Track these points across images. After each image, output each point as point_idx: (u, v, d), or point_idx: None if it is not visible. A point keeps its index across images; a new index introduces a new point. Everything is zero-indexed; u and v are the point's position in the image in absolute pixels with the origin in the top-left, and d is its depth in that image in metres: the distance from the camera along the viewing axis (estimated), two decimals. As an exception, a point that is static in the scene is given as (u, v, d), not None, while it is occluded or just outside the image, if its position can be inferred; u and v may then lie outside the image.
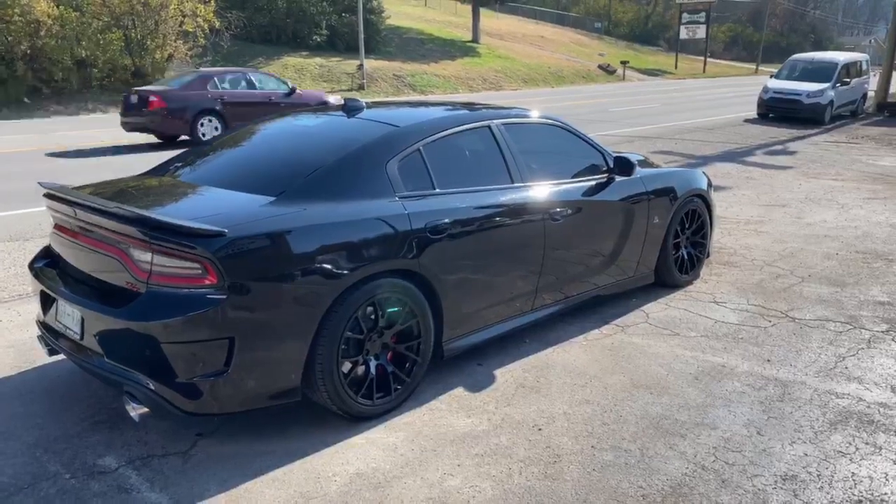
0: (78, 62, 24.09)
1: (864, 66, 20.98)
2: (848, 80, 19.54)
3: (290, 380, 3.19)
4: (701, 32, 58.11)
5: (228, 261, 2.91)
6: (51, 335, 3.52)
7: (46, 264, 3.70)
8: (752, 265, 6.10)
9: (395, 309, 3.47)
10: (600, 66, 47.66)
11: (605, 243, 4.74)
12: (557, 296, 4.46)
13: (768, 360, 4.12)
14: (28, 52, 22.62)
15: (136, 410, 3.03)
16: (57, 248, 3.67)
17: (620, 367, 4.04)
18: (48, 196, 3.55)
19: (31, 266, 3.77)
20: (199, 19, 27.18)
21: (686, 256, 5.48)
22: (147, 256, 2.97)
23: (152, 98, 13.51)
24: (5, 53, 22.28)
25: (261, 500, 2.85)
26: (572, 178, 4.60)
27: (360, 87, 31.29)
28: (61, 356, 3.67)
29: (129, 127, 14.02)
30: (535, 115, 4.64)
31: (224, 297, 2.91)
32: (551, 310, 4.44)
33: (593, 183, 4.63)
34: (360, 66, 31.78)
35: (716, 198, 8.92)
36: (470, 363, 4.06)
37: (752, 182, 10.36)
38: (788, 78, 19.78)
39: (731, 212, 8.28)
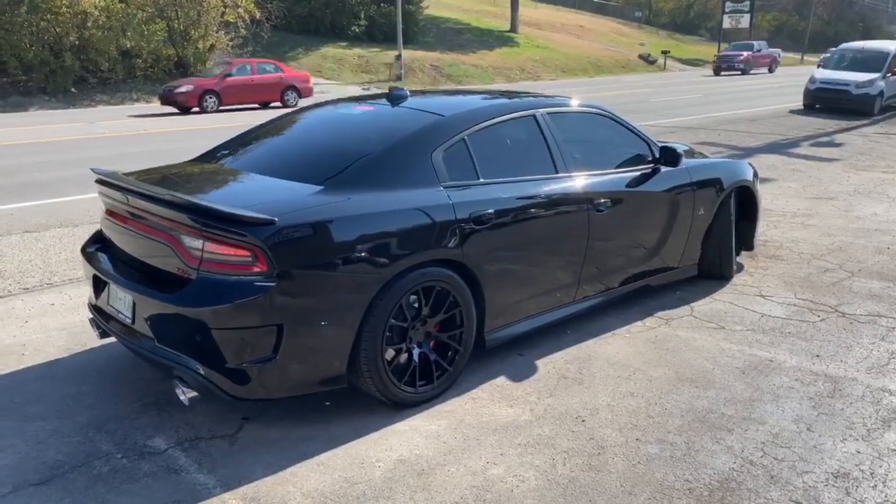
0: (123, 53, 24.59)
1: (917, 56, 20.31)
2: (899, 69, 18.94)
3: (336, 367, 3.23)
4: (745, 21, 56.83)
5: (278, 249, 2.94)
6: (102, 318, 3.60)
7: (98, 249, 3.78)
8: (799, 259, 5.97)
9: (439, 298, 3.48)
10: (640, 56, 47.03)
11: (650, 235, 4.68)
12: (599, 287, 4.44)
13: (817, 356, 4.03)
14: (76, 42, 23.10)
15: (185, 394, 3.09)
16: (108, 234, 3.75)
17: (665, 360, 3.99)
18: (100, 182, 3.63)
19: (84, 250, 3.84)
20: (239, 10, 27.49)
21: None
22: (198, 243, 3.01)
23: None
24: (54, 44, 22.79)
25: (306, 483, 2.88)
26: (617, 168, 4.55)
27: (398, 78, 31.31)
28: (112, 339, 3.74)
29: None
30: (579, 104, 4.60)
31: (273, 284, 2.94)
32: (592, 302, 4.41)
33: (638, 173, 4.58)
34: (398, 57, 31.80)
35: (761, 190, 8.80)
36: (511, 353, 4.05)
37: (799, 174, 10.12)
38: (836, 67, 19.25)
39: (777, 204, 8.11)
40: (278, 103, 22.04)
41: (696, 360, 3.99)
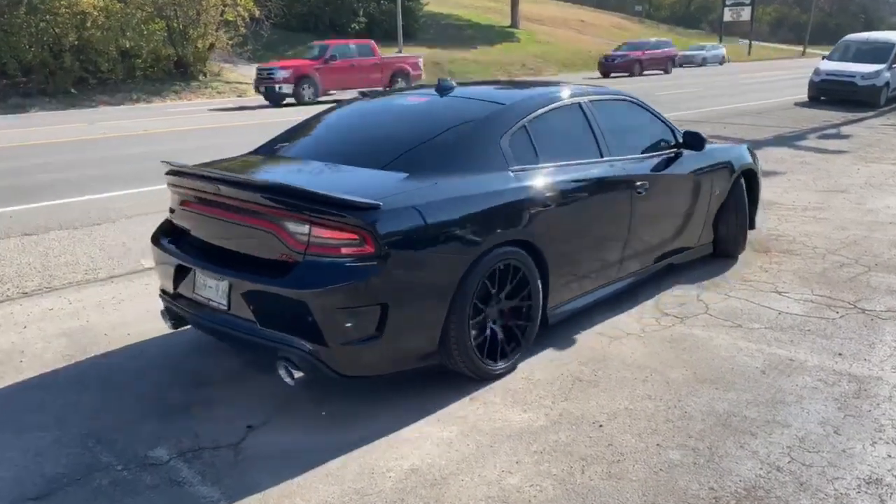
0: (122, 53, 24.46)
1: (923, 47, 20.12)
2: (905, 60, 18.76)
3: (431, 343, 3.41)
4: (746, 14, 56.69)
5: (383, 231, 3.08)
6: (183, 307, 3.64)
7: (175, 239, 3.79)
8: (813, 253, 5.84)
9: (512, 277, 3.66)
10: (642, 50, 46.72)
11: (677, 215, 4.99)
12: (636, 266, 4.69)
13: (840, 354, 3.91)
14: (75, 43, 22.99)
15: (291, 375, 3.18)
16: (186, 224, 3.78)
17: (682, 360, 3.87)
18: (175, 173, 3.70)
19: (157, 241, 3.85)
20: (239, 8, 27.34)
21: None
22: (304, 228, 3.11)
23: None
24: (53, 45, 22.68)
25: (314, 495, 2.77)
26: (648, 151, 4.82)
27: (399, 75, 31.09)
28: (184, 327, 3.87)
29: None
30: (613, 93, 4.90)
31: (380, 265, 3.09)
32: (630, 280, 4.68)
33: (666, 157, 4.88)
34: (400, 51, 31.62)
35: (771, 183, 8.68)
36: (522, 355, 3.92)
37: (808, 167, 9.99)
38: (842, 59, 19.07)
39: (788, 198, 7.97)
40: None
41: (714, 360, 3.86)
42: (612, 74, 33.64)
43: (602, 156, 4.34)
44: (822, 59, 20.00)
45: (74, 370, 3.88)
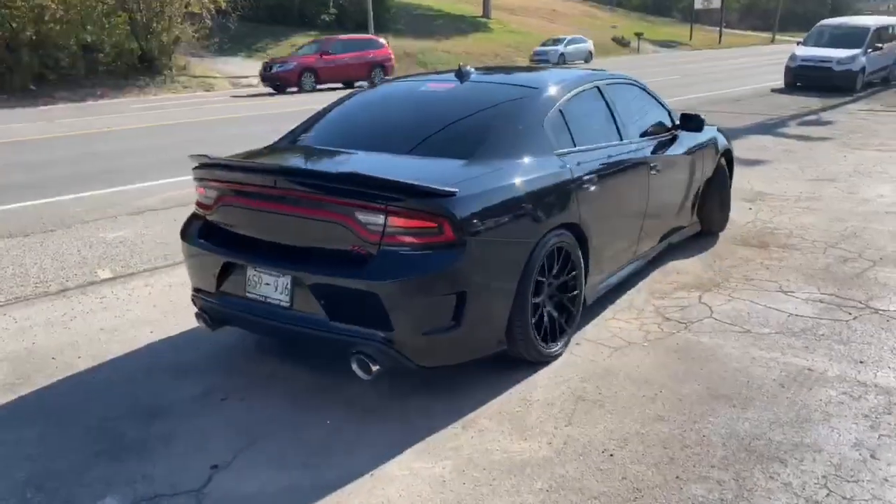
0: (84, 47, 23.65)
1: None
2: (880, 45, 18.74)
3: (500, 330, 3.37)
4: (716, 2, 56.77)
5: (461, 218, 3.02)
6: (226, 307, 3.46)
7: (217, 237, 3.56)
8: (813, 247, 5.56)
9: (561, 259, 3.66)
10: (614, 39, 46.68)
11: (679, 193, 5.17)
12: (648, 245, 4.81)
13: (861, 362, 3.60)
14: (33, 38, 22.14)
15: (366, 370, 3.07)
16: (229, 220, 3.54)
17: (692, 373, 3.54)
18: (208, 167, 3.52)
19: (192, 239, 3.63)
20: (204, 0, 26.57)
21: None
22: (379, 218, 2.98)
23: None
24: (10, 40, 21.81)
25: (289, 552, 2.38)
26: (654, 133, 4.94)
27: (371, 66, 30.54)
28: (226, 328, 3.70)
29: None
30: (621, 76, 4.98)
31: (458, 253, 3.02)
32: (642, 260, 4.80)
33: (670, 137, 5.04)
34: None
35: (758, 173, 8.42)
36: (518, 370, 3.57)
37: (793, 155, 9.75)
38: (817, 45, 18.98)
39: (777, 188, 7.70)
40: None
41: (726, 372, 3.54)
42: (287, 90, 23.12)
43: (621, 137, 4.44)
44: (798, 44, 19.89)
45: (15, 403, 3.44)
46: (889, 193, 7.33)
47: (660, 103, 5.23)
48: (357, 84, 22.35)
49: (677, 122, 5.15)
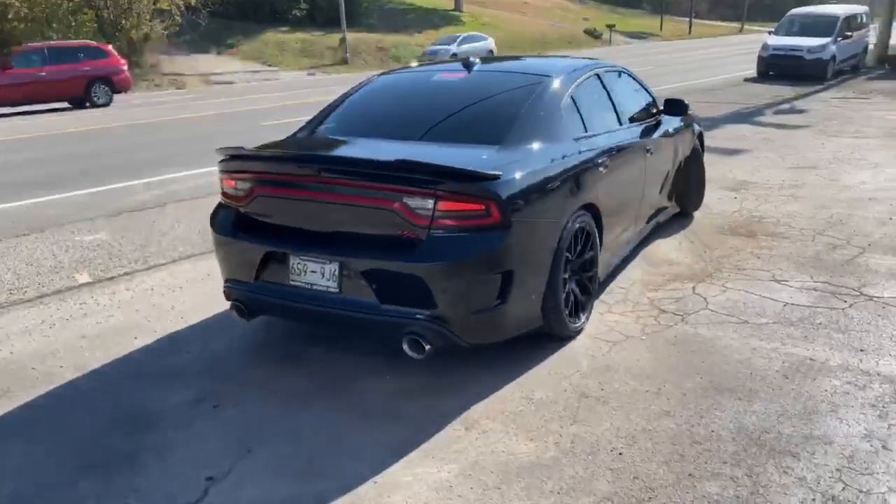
0: (49, 46, 23.06)
1: (865, 19, 20.39)
2: (849, 33, 18.95)
3: (537, 307, 3.51)
4: (686, -8, 57.10)
5: (506, 200, 3.14)
6: (266, 296, 3.49)
7: (249, 227, 3.57)
8: (801, 235, 5.55)
9: (582, 238, 3.82)
10: (586, 31, 46.77)
11: (665, 174, 5.39)
12: (641, 225, 5.05)
13: (861, 350, 3.58)
14: (-5, 36, 21.59)
15: (418, 350, 3.19)
16: (266, 210, 3.56)
17: (693, 366, 3.49)
18: (246, 158, 3.56)
19: (225, 231, 3.64)
20: (173, -4, 26.14)
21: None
22: (429, 203, 3.07)
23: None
24: (-29, 39, 21.24)
25: (294, 567, 2.28)
26: (644, 116, 5.12)
27: (344, 62, 30.44)
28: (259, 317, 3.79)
29: None
30: (610, 64, 5.09)
31: (505, 234, 3.15)
32: (636, 240, 5.04)
33: (657, 121, 5.23)
34: (343, 40, 30.84)
35: (739, 162, 8.44)
36: (518, 366, 3.49)
37: (772, 143, 9.79)
38: (788, 34, 19.14)
39: (760, 177, 7.71)
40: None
41: (727, 364, 3.49)
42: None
43: (620, 122, 4.64)
44: (770, 34, 20.05)
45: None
46: (870, 180, 7.37)
47: (645, 89, 5.43)
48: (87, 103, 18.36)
49: (661, 108, 5.35)
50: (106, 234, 6.17)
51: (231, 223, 3.64)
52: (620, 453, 2.80)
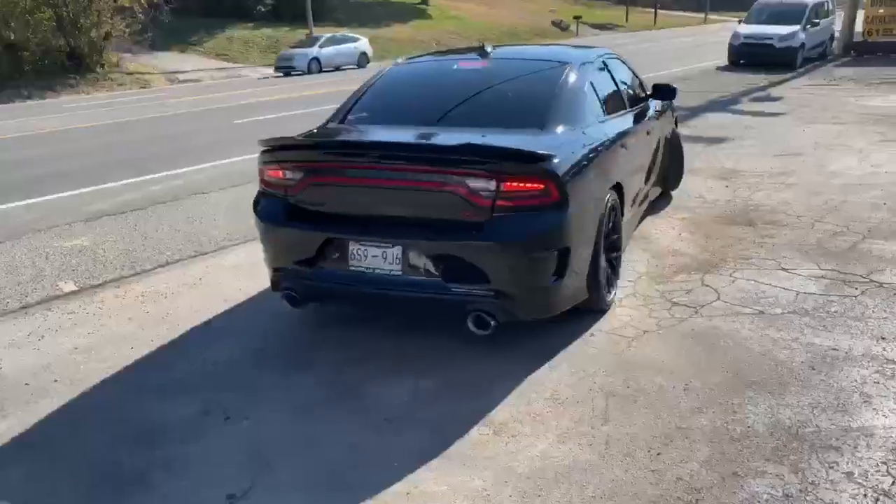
0: (7, 46, 22.45)
1: (831, 6, 20.63)
2: (817, 21, 19.15)
3: (584, 281, 3.66)
4: (651, -17, 57.42)
5: (563, 179, 3.28)
6: (326, 281, 3.54)
7: (302, 216, 3.58)
8: (799, 223, 5.53)
9: (613, 214, 3.99)
10: (553, 23, 46.84)
11: (660, 152, 5.68)
12: (644, 206, 5.31)
13: (882, 338, 3.54)
14: (-50, 37, 20.88)
15: (482, 326, 3.33)
16: (318, 198, 3.58)
17: (716, 360, 3.41)
18: (296, 147, 3.68)
19: (276, 220, 3.64)
20: (135, -8, 25.54)
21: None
22: (491, 185, 3.18)
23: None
24: (-75, 40, 20.52)
25: (334, 589, 2.15)
26: (639, 100, 5.31)
27: (313, 57, 29.89)
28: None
29: None
30: (608, 51, 5.25)
31: (563, 212, 3.28)
32: (636, 224, 5.20)
33: (648, 103, 5.45)
34: (309, 36, 30.42)
35: (724, 151, 8.45)
36: (536, 362, 3.39)
37: (753, 131, 9.82)
38: (758, 22, 19.29)
39: (748, 165, 7.71)
40: None
41: (750, 356, 3.43)
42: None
43: (627, 106, 4.83)
44: (740, 22, 20.20)
45: (12, 428, 3.10)
46: (856, 165, 7.41)
47: (635, 74, 5.61)
48: None
49: (649, 92, 5.62)
50: (87, 240, 5.94)
51: (281, 212, 3.62)
52: (659, 454, 2.71)
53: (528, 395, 3.17)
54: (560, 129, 3.73)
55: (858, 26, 21.09)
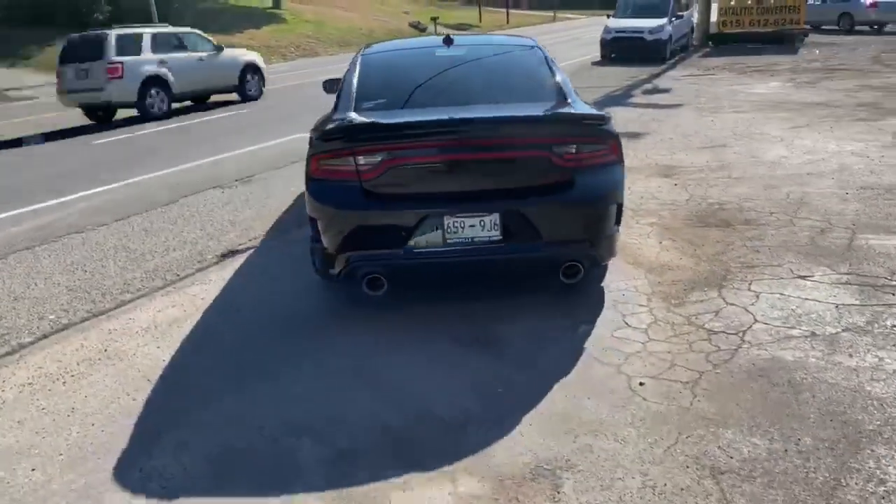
0: None
1: None
2: (681, 13, 19.76)
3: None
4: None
5: (618, 140, 3.75)
6: (422, 258, 3.58)
7: (384, 198, 3.59)
8: (774, 220, 5.16)
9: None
10: (411, 24, 46.39)
11: None
12: None
13: (968, 356, 3.10)
14: None
15: (573, 276, 3.71)
16: (404, 178, 3.60)
17: (808, 405, 2.82)
18: (376, 130, 3.70)
19: (365, 206, 3.57)
20: (-52, 1, 22.43)
21: None
22: (572, 148, 3.56)
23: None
24: None
25: None
26: None
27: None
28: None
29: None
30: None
31: (621, 167, 3.77)
32: None
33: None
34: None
35: (646, 146, 8.12)
36: (602, 442, 2.66)
37: (662, 124, 9.61)
38: (625, 16, 19.63)
39: (679, 159, 7.38)
40: None
41: (843, 395, 2.87)
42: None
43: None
44: (609, 17, 20.48)
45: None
46: (789, 154, 7.25)
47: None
48: None
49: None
50: (-67, 308, 4.56)
51: (359, 197, 3.58)
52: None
53: (616, 478, 2.43)
54: (576, 99, 4.04)
55: (713, 17, 22.07)
